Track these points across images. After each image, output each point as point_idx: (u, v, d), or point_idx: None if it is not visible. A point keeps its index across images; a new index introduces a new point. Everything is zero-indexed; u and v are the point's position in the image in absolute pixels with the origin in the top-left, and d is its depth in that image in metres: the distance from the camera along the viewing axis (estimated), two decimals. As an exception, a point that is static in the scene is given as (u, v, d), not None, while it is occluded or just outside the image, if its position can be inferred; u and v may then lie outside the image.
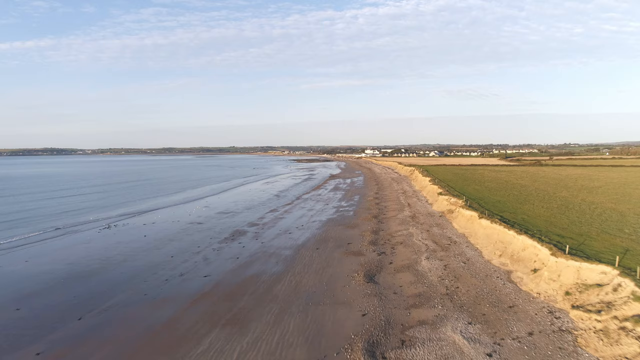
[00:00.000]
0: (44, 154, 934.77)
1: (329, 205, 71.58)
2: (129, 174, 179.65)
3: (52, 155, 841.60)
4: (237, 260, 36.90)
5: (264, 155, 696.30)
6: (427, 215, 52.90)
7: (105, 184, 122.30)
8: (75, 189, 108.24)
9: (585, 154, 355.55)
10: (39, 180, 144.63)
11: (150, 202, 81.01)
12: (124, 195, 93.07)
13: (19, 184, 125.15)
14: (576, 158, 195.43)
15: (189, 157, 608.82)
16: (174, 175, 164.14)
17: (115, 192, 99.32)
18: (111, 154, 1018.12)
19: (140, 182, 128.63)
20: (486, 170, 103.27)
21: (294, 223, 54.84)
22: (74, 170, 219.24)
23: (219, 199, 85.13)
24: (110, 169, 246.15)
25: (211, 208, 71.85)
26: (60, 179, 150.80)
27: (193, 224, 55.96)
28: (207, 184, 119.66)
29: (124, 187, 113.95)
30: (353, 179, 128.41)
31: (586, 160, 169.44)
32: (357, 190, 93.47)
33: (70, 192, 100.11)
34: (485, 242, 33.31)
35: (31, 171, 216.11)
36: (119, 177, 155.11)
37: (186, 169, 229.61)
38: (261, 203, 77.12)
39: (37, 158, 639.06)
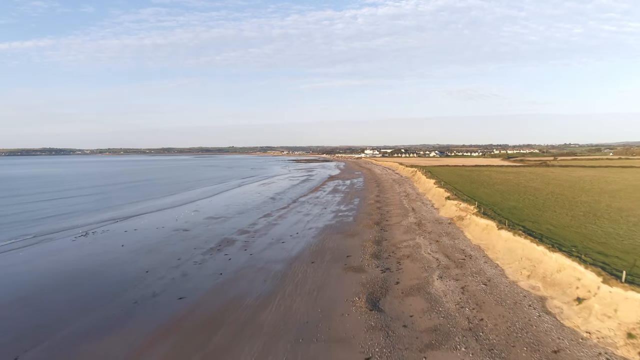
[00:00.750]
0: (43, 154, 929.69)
1: (327, 209, 66.82)
2: (124, 174, 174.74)
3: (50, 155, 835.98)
4: (219, 277, 32.12)
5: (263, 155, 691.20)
6: (434, 222, 48.10)
7: (98, 186, 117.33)
8: (66, 190, 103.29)
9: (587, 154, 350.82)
10: (30, 181, 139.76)
11: (140, 205, 76.22)
12: (113, 198, 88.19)
13: (6, 186, 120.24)
14: (581, 158, 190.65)
15: (188, 157, 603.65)
16: (169, 177, 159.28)
17: (106, 195, 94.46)
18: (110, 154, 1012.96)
19: (134, 184, 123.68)
20: (492, 172, 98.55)
21: (288, 230, 50.08)
22: (69, 171, 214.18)
23: (210, 202, 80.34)
24: (107, 169, 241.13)
25: (201, 212, 67.06)
26: (53, 180, 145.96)
27: (178, 231, 51.17)
28: (201, 186, 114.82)
29: (116, 189, 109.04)
30: (353, 181, 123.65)
31: (592, 161, 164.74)
32: (357, 193, 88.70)
33: (60, 194, 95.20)
34: (507, 258, 28.55)
35: (25, 172, 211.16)
36: (114, 178, 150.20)
37: (183, 169, 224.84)
38: (255, 207, 72.32)
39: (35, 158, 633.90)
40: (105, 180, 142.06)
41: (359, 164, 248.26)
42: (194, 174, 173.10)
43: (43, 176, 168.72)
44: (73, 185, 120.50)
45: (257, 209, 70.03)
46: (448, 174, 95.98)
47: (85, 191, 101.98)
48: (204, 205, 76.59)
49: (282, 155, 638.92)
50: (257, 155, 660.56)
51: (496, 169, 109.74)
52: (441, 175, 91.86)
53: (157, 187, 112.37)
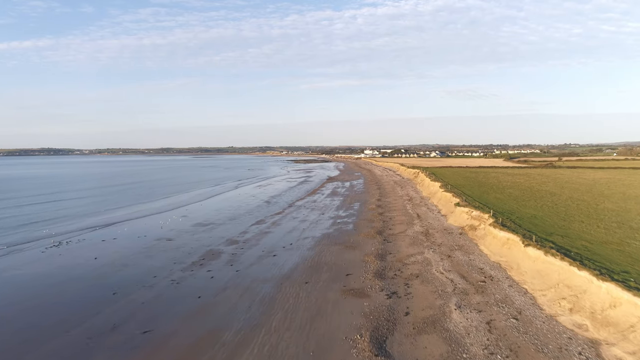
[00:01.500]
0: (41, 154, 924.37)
1: (324, 215, 62.12)
2: (119, 176, 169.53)
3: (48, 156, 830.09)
4: (197, 302, 27.41)
5: (262, 155, 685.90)
6: (443, 231, 43.37)
7: (90, 188, 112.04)
8: (56, 193, 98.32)
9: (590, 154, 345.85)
10: (23, 183, 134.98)
11: (128, 209, 71.52)
12: (103, 201, 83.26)
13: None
14: (586, 159, 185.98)
15: (187, 157, 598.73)
16: (165, 178, 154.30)
17: (96, 198, 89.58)
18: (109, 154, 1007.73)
19: (127, 186, 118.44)
20: (499, 174, 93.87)
21: (281, 240, 45.37)
22: (65, 172, 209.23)
23: (201, 207, 75.63)
24: (104, 170, 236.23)
25: (189, 218, 62.37)
26: (46, 181, 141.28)
27: (160, 241, 46.45)
28: (196, 188, 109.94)
29: (109, 191, 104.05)
30: (352, 182, 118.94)
31: (598, 162, 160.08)
32: (357, 196, 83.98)
33: (49, 197, 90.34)
34: (538, 283, 23.86)
35: (20, 172, 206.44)
36: (108, 180, 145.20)
37: (181, 170, 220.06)
38: (248, 212, 67.61)
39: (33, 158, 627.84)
40: (99, 182, 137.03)
41: (358, 164, 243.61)
42: (191, 176, 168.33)
43: (37, 177, 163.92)
44: (65, 187, 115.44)
45: (249, 214, 65.33)
46: (453, 176, 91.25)
47: (76, 194, 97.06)
48: (195, 209, 71.88)
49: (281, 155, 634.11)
50: (256, 156, 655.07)
51: (502, 171, 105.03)
52: (446, 177, 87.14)
53: (150, 190, 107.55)
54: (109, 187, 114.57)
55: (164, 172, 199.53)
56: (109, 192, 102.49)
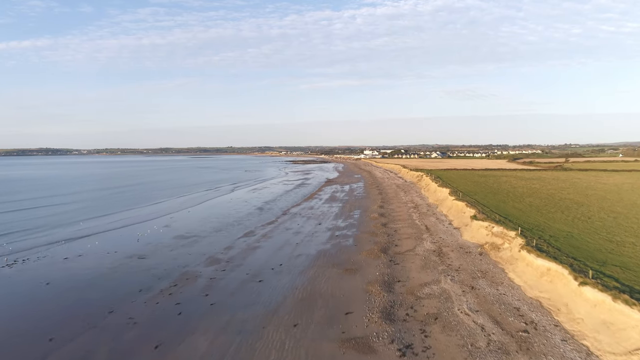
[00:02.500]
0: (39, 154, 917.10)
1: (321, 225, 55.91)
2: (111, 178, 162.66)
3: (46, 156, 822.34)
4: (151, 355, 21.15)
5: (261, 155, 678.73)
6: (458, 250, 37.12)
7: (77, 192, 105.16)
8: (41, 198, 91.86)
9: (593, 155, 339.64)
10: (10, 186, 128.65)
11: (108, 218, 65.28)
12: (86, 208, 76.69)
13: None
14: (595, 161, 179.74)
15: (184, 158, 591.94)
16: (158, 181, 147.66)
17: (80, 204, 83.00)
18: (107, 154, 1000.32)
19: (117, 190, 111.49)
20: (510, 178, 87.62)
21: (270, 258, 39.15)
22: (58, 174, 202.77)
23: (188, 215, 69.38)
24: (98, 171, 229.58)
25: (172, 229, 56.16)
26: (35, 184, 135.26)
27: (131, 259, 40.24)
28: (188, 192, 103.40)
29: (95, 196, 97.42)
30: (352, 186, 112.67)
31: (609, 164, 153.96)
32: (358, 202, 77.71)
33: (32, 202, 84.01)
34: (606, 341, 17.68)
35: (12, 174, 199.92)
36: (98, 183, 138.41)
37: (176, 172, 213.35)
38: (237, 221, 61.38)
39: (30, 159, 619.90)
40: (91, 185, 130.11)
41: (358, 165, 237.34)
42: (185, 178, 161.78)
43: (31, 179, 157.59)
44: (55, 191, 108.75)
45: (239, 223, 59.10)
46: (460, 180, 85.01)
47: (64, 199, 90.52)
48: (180, 218, 65.63)
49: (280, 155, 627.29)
50: (255, 156, 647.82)
51: (512, 174, 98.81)
52: (453, 181, 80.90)
53: (141, 194, 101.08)
54: (99, 191, 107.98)
55: (160, 174, 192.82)
56: (98, 196, 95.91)
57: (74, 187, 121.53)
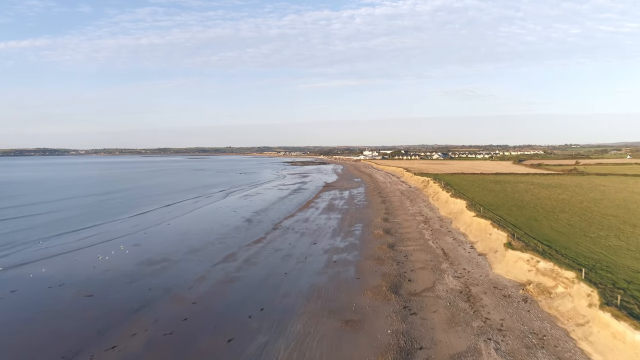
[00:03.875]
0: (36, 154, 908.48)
1: (317, 244, 47.53)
2: (101, 183, 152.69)
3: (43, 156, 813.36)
4: None
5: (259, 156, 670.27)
6: (493, 292, 28.58)
7: (62, 199, 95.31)
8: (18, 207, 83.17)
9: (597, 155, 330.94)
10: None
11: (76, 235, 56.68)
12: (56, 221, 67.08)
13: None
14: (607, 163, 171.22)
15: (181, 158, 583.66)
16: (148, 186, 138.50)
17: (58, 214, 73.83)
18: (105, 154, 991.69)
19: (103, 197, 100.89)
20: (527, 184, 79.05)
21: (249, 299, 30.73)
22: (49, 176, 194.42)
23: (167, 228, 61.13)
24: (90, 173, 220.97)
25: (141, 249, 47.87)
26: (20, 188, 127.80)
27: (76, 297, 31.98)
28: (175, 200, 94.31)
29: (77, 204, 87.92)
30: (352, 191, 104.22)
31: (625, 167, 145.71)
32: (359, 213, 69.27)
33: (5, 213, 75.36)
34: None
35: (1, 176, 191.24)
36: (87, 188, 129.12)
37: (169, 175, 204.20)
38: (220, 238, 52.97)
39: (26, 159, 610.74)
40: (76, 190, 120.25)
41: (357, 167, 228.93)
42: (177, 182, 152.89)
43: (18, 183, 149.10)
44: (32, 198, 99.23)
45: (221, 242, 50.67)
46: (473, 187, 76.50)
47: (38, 208, 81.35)
48: (156, 234, 57.26)
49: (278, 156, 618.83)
50: (253, 156, 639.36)
51: (527, 180, 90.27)
52: (465, 189, 72.43)
53: (127, 201, 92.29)
54: (84, 198, 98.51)
55: (154, 177, 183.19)
56: (80, 204, 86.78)
57: (59, 192, 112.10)
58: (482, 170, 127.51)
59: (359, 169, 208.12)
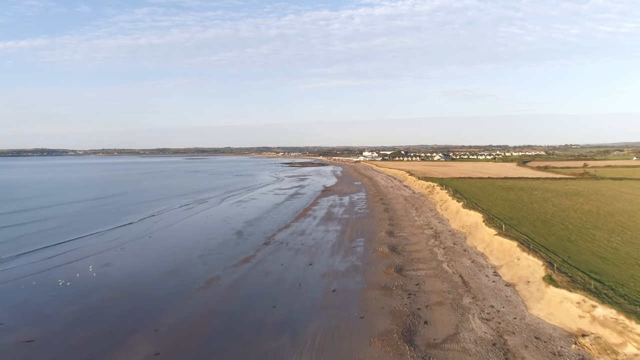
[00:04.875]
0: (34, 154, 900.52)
1: (314, 265, 41.46)
2: (94, 187, 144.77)
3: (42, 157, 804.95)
4: None
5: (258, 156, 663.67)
6: (536, 345, 22.36)
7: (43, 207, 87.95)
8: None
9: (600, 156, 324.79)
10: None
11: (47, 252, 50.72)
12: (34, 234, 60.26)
13: None
14: (616, 165, 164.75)
15: (178, 159, 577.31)
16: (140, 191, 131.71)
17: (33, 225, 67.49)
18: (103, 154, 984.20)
19: (91, 203, 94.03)
20: (544, 192, 72.60)
21: (227, 352, 24.46)
22: (43, 178, 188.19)
23: (148, 243, 55.19)
24: (82, 175, 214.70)
25: (109, 271, 41.80)
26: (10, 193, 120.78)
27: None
28: (165, 207, 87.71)
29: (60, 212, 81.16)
30: (352, 197, 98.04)
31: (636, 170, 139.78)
32: (360, 224, 63.13)
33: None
34: None
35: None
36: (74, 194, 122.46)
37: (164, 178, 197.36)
38: (204, 255, 46.87)
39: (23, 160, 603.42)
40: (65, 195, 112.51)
41: (357, 169, 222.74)
42: (171, 186, 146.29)
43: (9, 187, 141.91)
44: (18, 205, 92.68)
45: (204, 261, 44.52)
46: (484, 195, 70.29)
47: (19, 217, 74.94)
48: (133, 250, 51.19)
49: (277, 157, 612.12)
50: (252, 157, 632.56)
51: (541, 186, 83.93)
52: (477, 198, 66.23)
53: (116, 209, 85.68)
54: (72, 205, 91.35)
55: (148, 179, 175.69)
56: (63, 213, 79.99)
57: (47, 198, 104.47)
58: (489, 174, 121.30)
59: (358, 171, 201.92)
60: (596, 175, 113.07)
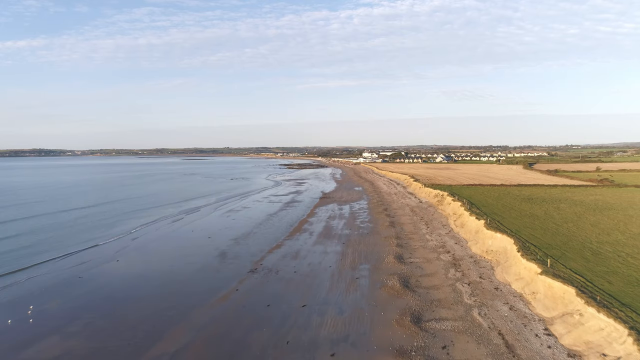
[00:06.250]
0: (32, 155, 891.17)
1: (307, 307, 33.09)
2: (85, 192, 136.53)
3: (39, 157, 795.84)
4: None
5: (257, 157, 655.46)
6: None
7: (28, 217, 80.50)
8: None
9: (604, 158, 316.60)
10: None
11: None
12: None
13: None
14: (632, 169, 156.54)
15: (176, 160, 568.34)
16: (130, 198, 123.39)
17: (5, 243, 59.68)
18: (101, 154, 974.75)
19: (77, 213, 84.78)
20: (569, 204, 64.21)
21: None
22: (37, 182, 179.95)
23: (115, 268, 46.75)
24: (74, 178, 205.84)
25: (54, 312, 33.37)
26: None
27: None
28: (150, 219, 79.16)
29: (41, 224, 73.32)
30: (352, 206, 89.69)
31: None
32: (363, 243, 54.81)
33: None
34: None
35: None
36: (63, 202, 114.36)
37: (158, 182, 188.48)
38: (174, 290, 38.60)
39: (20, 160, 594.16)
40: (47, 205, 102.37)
41: (357, 172, 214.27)
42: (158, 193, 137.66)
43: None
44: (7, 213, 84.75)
45: (173, 298, 36.05)
46: (504, 209, 61.90)
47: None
48: (92, 279, 42.87)
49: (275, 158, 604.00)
50: (250, 158, 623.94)
51: (562, 195, 75.50)
52: (497, 213, 57.87)
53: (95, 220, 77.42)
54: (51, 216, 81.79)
55: (138, 184, 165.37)
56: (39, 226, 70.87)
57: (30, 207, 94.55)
58: (500, 180, 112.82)
59: (359, 175, 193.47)
60: (615, 181, 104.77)
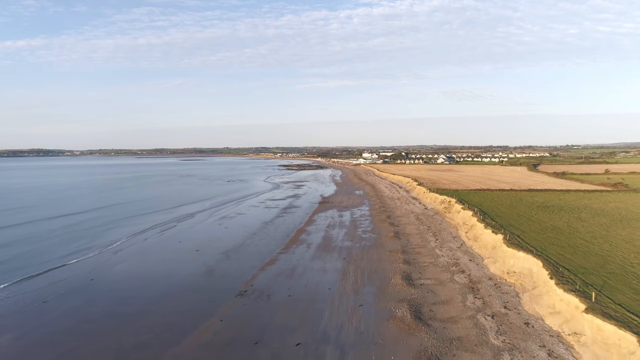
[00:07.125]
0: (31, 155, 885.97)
1: (303, 345, 27.74)
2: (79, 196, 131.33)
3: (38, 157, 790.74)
4: None
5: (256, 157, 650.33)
6: None
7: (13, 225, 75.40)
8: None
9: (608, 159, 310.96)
10: None
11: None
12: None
13: None
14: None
15: (174, 160, 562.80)
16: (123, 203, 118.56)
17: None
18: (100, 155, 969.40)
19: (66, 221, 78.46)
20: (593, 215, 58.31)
21: None
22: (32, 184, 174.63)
23: (86, 290, 41.12)
24: (73, 180, 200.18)
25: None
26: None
27: None
28: (138, 227, 74.08)
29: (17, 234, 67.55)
30: (353, 212, 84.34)
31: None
32: (366, 257, 49.44)
33: None
34: None
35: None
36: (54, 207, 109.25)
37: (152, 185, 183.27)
38: (146, 326, 33.05)
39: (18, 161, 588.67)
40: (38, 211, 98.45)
41: (358, 174, 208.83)
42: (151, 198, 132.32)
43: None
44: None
45: (141, 335, 30.68)
46: (521, 219, 56.52)
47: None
48: (53, 309, 37.29)
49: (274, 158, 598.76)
50: (249, 158, 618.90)
51: (578, 203, 70.00)
52: (514, 225, 52.44)
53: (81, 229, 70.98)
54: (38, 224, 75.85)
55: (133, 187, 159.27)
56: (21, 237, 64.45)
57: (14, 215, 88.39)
58: (508, 184, 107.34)
59: (359, 177, 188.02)
60: (629, 185, 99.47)
